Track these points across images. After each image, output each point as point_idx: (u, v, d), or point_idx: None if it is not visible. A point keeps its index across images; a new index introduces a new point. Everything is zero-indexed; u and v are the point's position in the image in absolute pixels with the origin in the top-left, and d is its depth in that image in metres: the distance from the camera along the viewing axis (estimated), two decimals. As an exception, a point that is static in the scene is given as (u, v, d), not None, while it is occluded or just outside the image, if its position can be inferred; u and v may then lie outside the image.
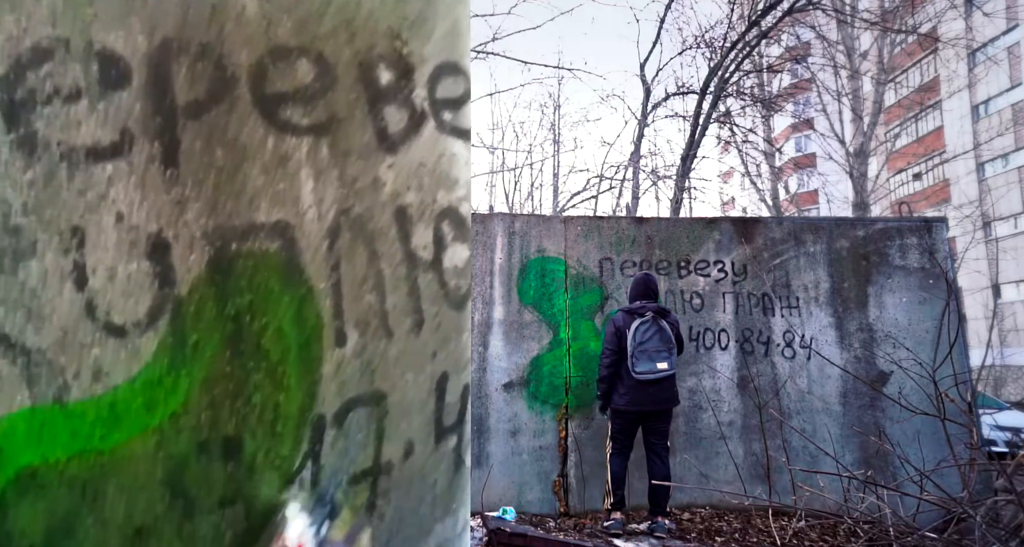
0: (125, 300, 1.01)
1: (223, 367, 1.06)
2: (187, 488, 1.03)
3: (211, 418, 1.05)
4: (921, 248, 4.53)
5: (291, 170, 1.14)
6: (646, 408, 3.77)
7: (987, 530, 2.63)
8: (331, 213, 1.17)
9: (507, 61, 44.72)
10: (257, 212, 1.11)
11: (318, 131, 1.16)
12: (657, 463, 3.79)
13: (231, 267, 1.07)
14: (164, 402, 1.02)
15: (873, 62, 17.27)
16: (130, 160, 1.04)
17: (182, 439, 1.02)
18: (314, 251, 1.15)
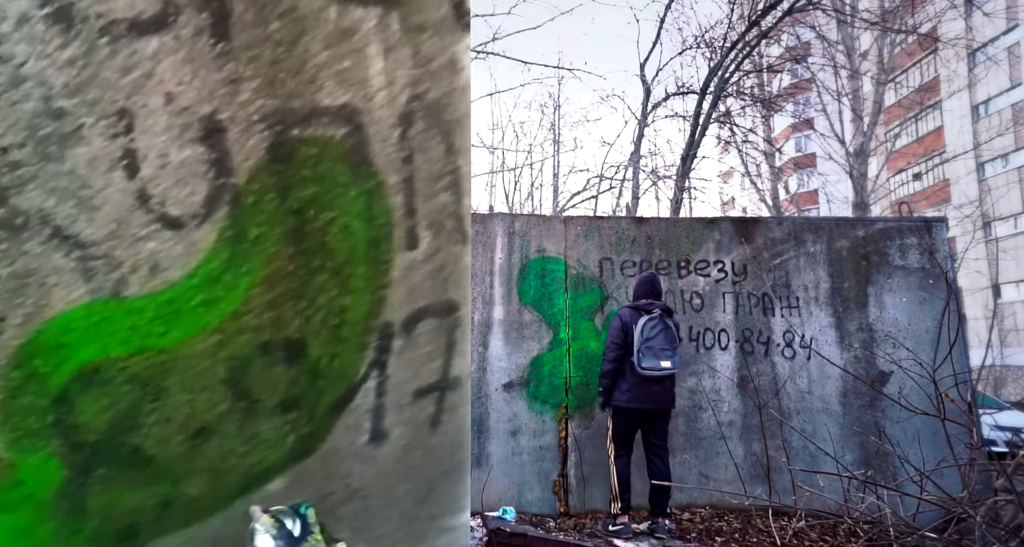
0: (180, 189, 0.92)
1: (285, 265, 0.98)
2: (249, 389, 0.99)
3: (273, 319, 0.99)
4: (921, 248, 4.52)
5: (357, 45, 0.99)
6: (647, 406, 3.76)
7: (987, 530, 2.63)
8: (403, 97, 1.03)
9: (507, 61, 44.73)
10: (320, 93, 0.98)
11: (387, 2, 1.02)
12: (657, 464, 3.79)
13: (292, 155, 0.96)
14: (224, 300, 0.95)
15: (873, 62, 17.26)
16: (176, 33, 0.91)
17: (243, 339, 0.97)
18: (384, 140, 1.03)
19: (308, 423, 1.05)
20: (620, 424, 3.84)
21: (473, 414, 4.23)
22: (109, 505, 0.89)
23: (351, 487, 1.10)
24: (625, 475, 3.80)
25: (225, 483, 1.00)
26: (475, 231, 4.51)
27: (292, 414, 1.03)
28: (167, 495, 0.94)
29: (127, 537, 0.90)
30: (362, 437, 1.13)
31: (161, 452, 0.94)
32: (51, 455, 0.83)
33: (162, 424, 0.95)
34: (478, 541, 3.34)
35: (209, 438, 0.98)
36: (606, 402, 3.91)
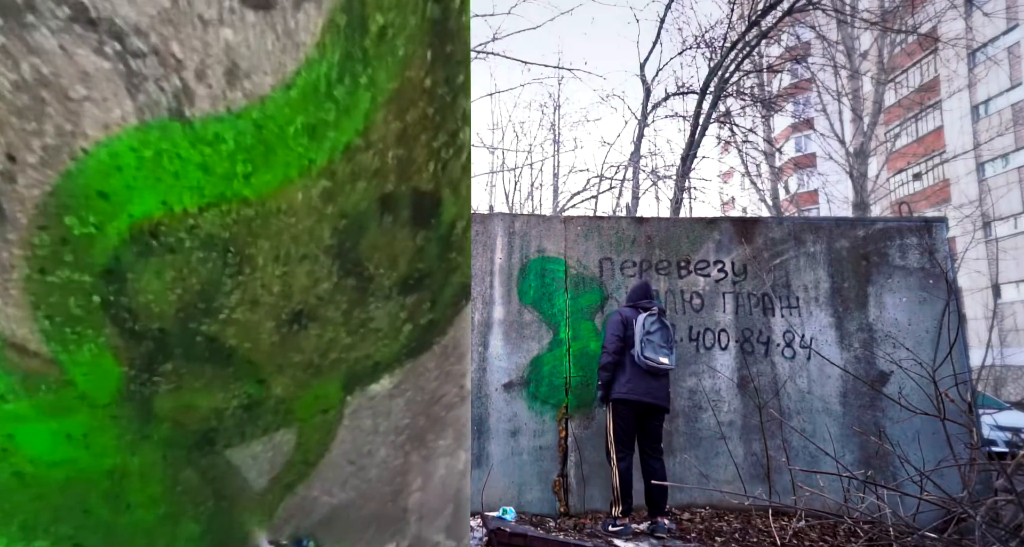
0: None
1: (421, 76, 0.68)
2: (362, 261, 0.74)
3: (402, 159, 0.70)
4: (921, 248, 4.52)
5: None
6: (646, 399, 3.77)
7: (987, 530, 2.63)
8: None
9: (507, 61, 44.76)
10: None
11: None
12: (654, 465, 3.80)
13: None
14: (335, 126, 0.67)
15: (873, 62, 17.26)
16: None
17: (360, 189, 0.69)
18: None
19: (431, 310, 0.81)
20: (619, 419, 3.84)
21: (473, 414, 4.23)
22: (181, 407, 0.69)
23: (464, 390, 0.90)
24: (627, 478, 3.79)
25: (323, 382, 0.78)
26: (475, 231, 4.51)
27: (413, 297, 0.79)
28: (252, 396, 0.74)
29: (202, 444, 0.72)
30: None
31: (245, 343, 0.71)
32: (103, 348, 0.63)
33: (247, 306, 0.71)
34: (478, 541, 3.34)
35: (309, 326, 0.74)
36: (605, 396, 3.91)
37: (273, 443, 0.77)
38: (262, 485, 0.78)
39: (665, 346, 3.82)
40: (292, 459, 0.79)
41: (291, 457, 0.79)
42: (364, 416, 0.83)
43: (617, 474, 3.81)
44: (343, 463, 0.83)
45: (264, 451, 0.77)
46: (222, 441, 0.74)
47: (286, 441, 0.78)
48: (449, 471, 0.88)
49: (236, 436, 0.74)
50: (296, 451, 0.79)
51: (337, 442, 0.82)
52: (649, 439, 3.86)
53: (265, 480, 0.78)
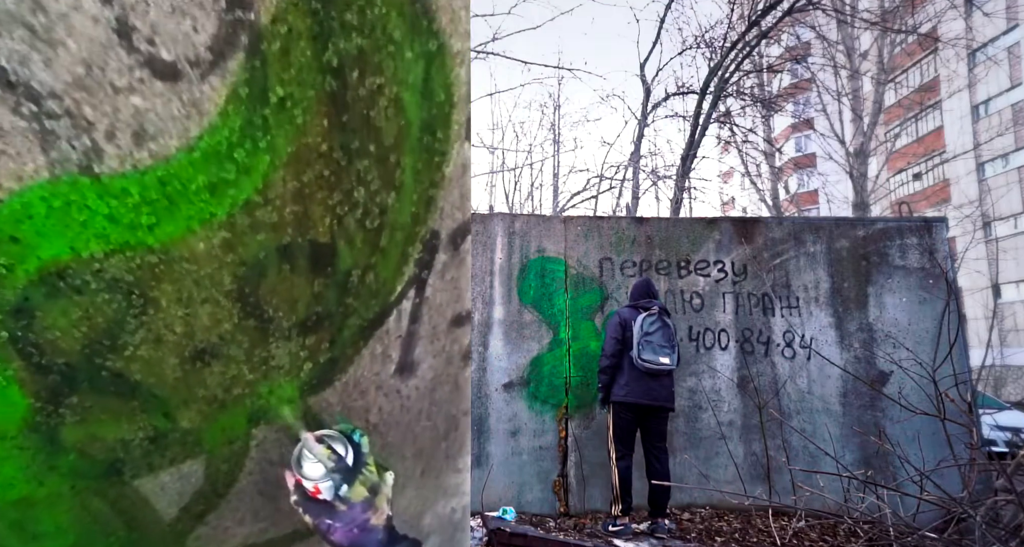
0: (176, 21, 0.65)
1: (318, 141, 0.73)
2: (261, 304, 0.77)
3: (298, 215, 0.75)
4: (921, 248, 4.52)
5: None
6: (644, 401, 3.76)
7: (987, 530, 2.63)
8: None
9: (507, 61, 44.77)
10: None
11: None
12: (656, 465, 3.79)
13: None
14: (234, 184, 0.71)
15: (873, 62, 17.26)
16: None
17: (257, 239, 0.74)
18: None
19: (330, 349, 0.85)
20: (619, 421, 3.84)
21: (473, 414, 4.23)
22: (88, 438, 0.70)
23: (369, 423, 0.94)
24: (627, 477, 3.80)
25: (228, 416, 0.80)
26: (475, 231, 4.51)
27: (312, 337, 0.82)
28: (157, 428, 0.75)
29: (110, 474, 0.73)
30: (389, 368, 0.95)
31: (150, 378, 0.73)
32: (11, 380, 0.64)
33: (151, 344, 0.73)
34: (478, 541, 3.34)
35: (210, 363, 0.77)
36: (605, 398, 3.91)
37: (181, 473, 0.79)
38: (172, 515, 0.79)
39: (666, 346, 3.80)
40: (201, 489, 0.81)
41: (200, 487, 0.81)
42: (271, 448, 0.85)
43: (617, 473, 3.81)
44: (253, 493, 0.85)
45: (172, 481, 0.78)
46: (130, 471, 0.75)
47: (194, 472, 0.80)
48: None
49: (144, 467, 0.76)
50: (205, 482, 0.81)
51: (245, 473, 0.84)
52: (652, 439, 3.86)
53: (175, 510, 0.79)
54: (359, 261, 0.82)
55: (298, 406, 0.87)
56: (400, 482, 0.92)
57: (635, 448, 3.92)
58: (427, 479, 1.03)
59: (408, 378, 0.97)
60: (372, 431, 0.95)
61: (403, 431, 0.99)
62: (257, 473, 0.84)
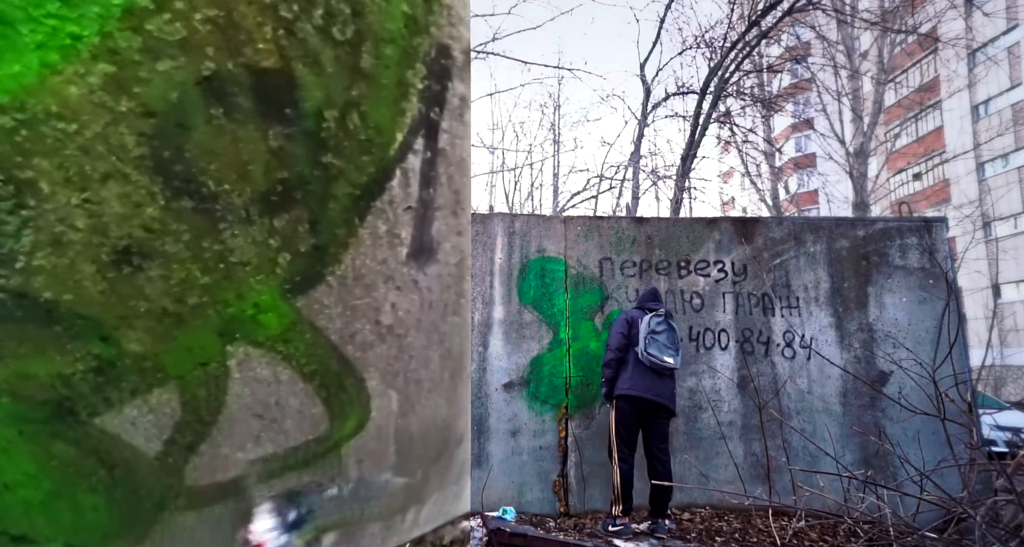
0: None
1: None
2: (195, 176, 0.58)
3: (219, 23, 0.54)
4: (921, 248, 4.52)
5: None
6: (648, 396, 3.76)
7: (987, 530, 2.63)
8: None
9: (507, 61, 44.74)
10: None
11: None
12: (658, 466, 3.79)
13: None
14: None
15: (873, 62, 17.26)
16: None
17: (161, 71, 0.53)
18: None
19: (312, 232, 0.66)
20: (622, 416, 3.83)
21: (473, 414, 4.23)
22: (16, 378, 0.57)
23: (382, 325, 0.75)
24: (628, 477, 3.79)
25: (190, 332, 0.64)
26: (475, 231, 4.51)
27: (283, 217, 0.63)
28: (100, 356, 0.60)
29: (62, 415, 0.61)
30: (399, 252, 0.75)
31: (64, 294, 0.56)
32: None
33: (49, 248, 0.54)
34: (478, 541, 3.34)
35: (141, 265, 0.58)
36: (609, 393, 3.91)
37: (150, 405, 0.66)
38: (156, 449, 0.67)
39: (671, 347, 3.83)
40: (182, 420, 0.68)
41: (180, 418, 0.68)
42: (258, 365, 0.70)
43: (618, 473, 3.81)
44: (249, 418, 0.72)
45: (142, 415, 0.66)
46: (84, 410, 0.62)
47: (165, 402, 0.67)
48: (381, 413, 0.76)
49: (99, 402, 0.63)
50: (184, 410, 0.68)
51: (233, 396, 0.70)
52: (655, 439, 3.85)
53: (158, 444, 0.67)
54: (333, 96, 0.59)
55: (286, 311, 0.69)
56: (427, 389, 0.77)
57: (636, 449, 3.92)
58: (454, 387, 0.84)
59: (427, 263, 0.75)
60: (387, 334, 0.76)
61: (427, 331, 0.78)
62: (248, 395, 0.71)
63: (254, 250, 0.62)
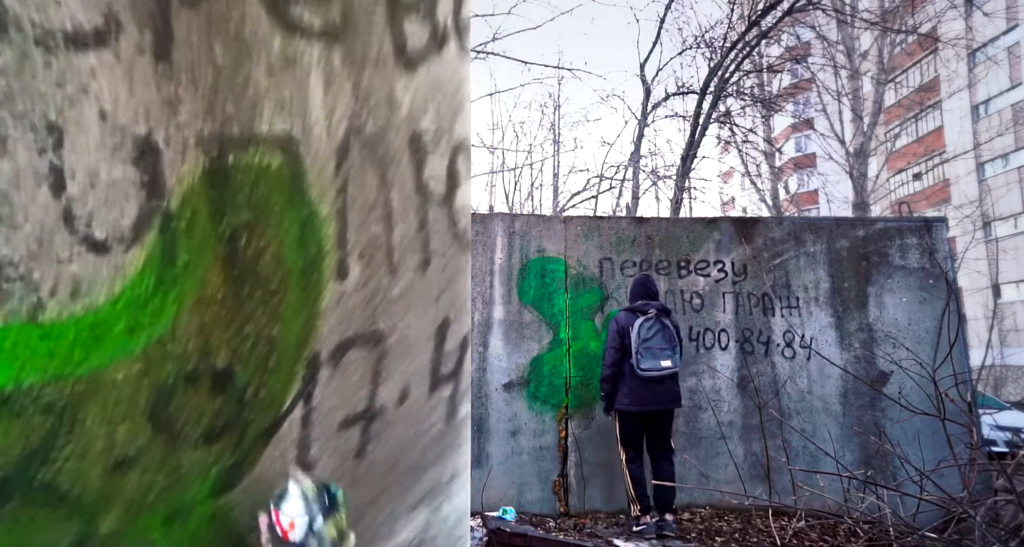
0: (108, 210, 0.87)
1: (215, 291, 0.96)
2: (172, 419, 0.95)
3: (200, 347, 0.95)
4: (921, 248, 4.52)
5: (299, 75, 0.99)
6: (650, 408, 3.75)
7: (987, 530, 2.63)
8: (342, 128, 1.04)
9: (507, 61, 44.73)
10: (259, 120, 0.96)
11: (331, 35, 1.03)
12: (663, 465, 3.76)
13: (228, 180, 0.95)
14: (149, 326, 0.91)
15: (873, 62, 17.26)
16: (116, 50, 0.87)
17: (167, 367, 0.93)
18: (320, 169, 1.02)
19: (233, 455, 1.02)
20: (626, 427, 3.82)
21: (473, 414, 4.22)
22: (18, 543, 0.83)
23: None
24: (639, 477, 3.78)
25: (144, 518, 0.95)
26: (475, 231, 4.51)
27: (217, 445, 1.00)
28: (82, 532, 0.89)
29: None
30: (288, 468, 1.10)
31: (76, 487, 0.88)
32: None
33: (77, 457, 0.90)
34: (478, 541, 3.34)
35: (128, 471, 0.93)
36: (609, 406, 3.88)
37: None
38: None
39: (666, 348, 3.74)
40: None
41: None
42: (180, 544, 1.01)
43: (628, 474, 3.80)
44: None
45: None
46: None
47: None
48: None
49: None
50: None
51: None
52: (657, 440, 3.83)
53: None
54: (252, 380, 1.01)
55: (208, 506, 1.02)
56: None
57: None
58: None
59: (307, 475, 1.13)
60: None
61: None
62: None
63: (197, 465, 0.99)
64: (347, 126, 1.06)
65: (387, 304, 1.15)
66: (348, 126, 1.07)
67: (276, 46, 0.99)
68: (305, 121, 1.02)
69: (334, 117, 1.05)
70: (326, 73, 1.04)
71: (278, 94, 0.99)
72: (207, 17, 0.93)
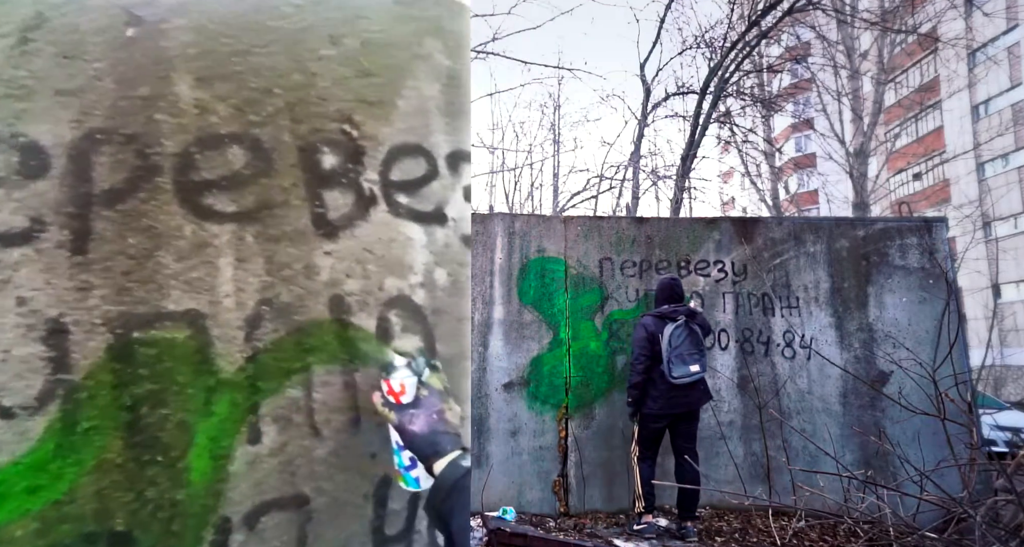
0: (17, 381, 0.98)
1: (115, 457, 1.02)
2: None
3: (98, 510, 1.00)
4: (921, 248, 4.52)
5: (209, 256, 1.09)
6: (678, 411, 3.75)
7: (987, 530, 2.63)
8: (252, 301, 1.11)
9: (507, 61, 44.69)
10: (166, 299, 1.06)
11: (244, 218, 1.12)
12: (687, 466, 3.71)
13: (132, 354, 1.04)
14: (48, 488, 0.98)
15: (873, 62, 17.26)
16: (38, 246, 1.00)
17: (64, 528, 0.98)
18: (228, 341, 1.10)
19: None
20: (647, 429, 3.81)
21: (473, 414, 4.23)
22: None
23: None
24: (648, 476, 3.77)
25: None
26: (475, 231, 4.51)
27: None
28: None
29: None
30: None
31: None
32: None
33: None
34: (478, 541, 3.34)
35: None
36: (635, 412, 3.86)
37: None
38: None
39: (695, 352, 3.74)
40: None
41: None
42: None
43: (638, 472, 3.79)
44: None
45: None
46: None
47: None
48: None
49: None
50: None
51: None
52: (682, 440, 3.81)
53: None
54: (154, 544, 1.04)
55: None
56: None
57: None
58: None
59: None
60: None
61: None
62: None
63: None
64: (259, 299, 1.13)
65: (310, 466, 1.16)
66: (260, 299, 1.13)
67: (187, 233, 1.08)
68: (213, 297, 1.10)
69: (245, 292, 1.12)
70: (238, 252, 1.12)
71: (187, 276, 1.08)
72: (124, 214, 1.05)
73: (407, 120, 1.28)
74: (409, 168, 1.27)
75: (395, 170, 1.26)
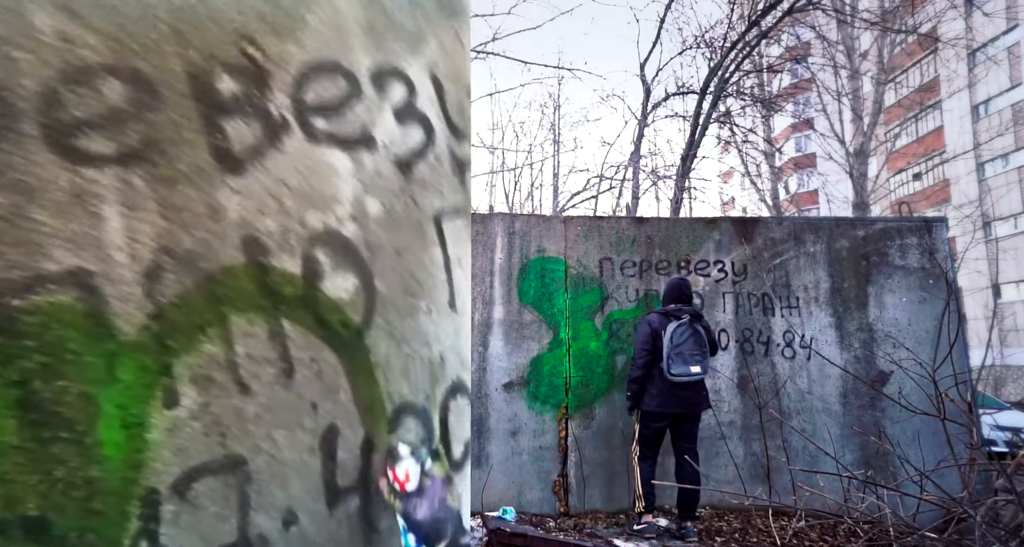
0: None
1: (11, 438, 0.91)
2: None
3: (2, 496, 0.90)
4: (921, 248, 4.52)
5: (91, 206, 0.95)
6: (677, 410, 3.74)
7: (987, 530, 2.63)
8: (148, 252, 0.98)
9: (507, 61, 44.69)
10: (46, 260, 0.92)
11: (128, 159, 0.98)
12: (687, 466, 3.70)
13: (13, 325, 0.91)
14: None
15: (873, 62, 17.26)
16: None
17: None
18: (125, 299, 0.97)
19: None
20: (647, 429, 3.81)
21: (473, 414, 4.23)
22: None
23: None
24: (649, 476, 3.77)
25: None
26: (475, 231, 4.51)
27: None
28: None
29: None
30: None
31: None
32: None
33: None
34: (478, 541, 3.34)
35: None
36: (634, 407, 3.87)
37: None
38: None
39: (696, 353, 3.73)
40: None
41: None
42: None
43: (639, 471, 3.79)
44: None
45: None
46: None
47: None
48: None
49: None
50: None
51: None
52: (683, 441, 3.81)
53: None
54: (74, 525, 0.94)
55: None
56: None
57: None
58: None
59: None
60: None
61: None
62: None
63: None
64: (155, 248, 1.00)
65: (241, 425, 1.06)
66: (157, 247, 1.00)
67: (62, 182, 0.94)
68: (100, 252, 0.96)
69: (138, 243, 0.99)
70: (124, 200, 0.99)
71: (67, 230, 0.95)
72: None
73: (319, 37, 1.13)
74: (326, 89, 1.13)
75: (309, 92, 1.12)
